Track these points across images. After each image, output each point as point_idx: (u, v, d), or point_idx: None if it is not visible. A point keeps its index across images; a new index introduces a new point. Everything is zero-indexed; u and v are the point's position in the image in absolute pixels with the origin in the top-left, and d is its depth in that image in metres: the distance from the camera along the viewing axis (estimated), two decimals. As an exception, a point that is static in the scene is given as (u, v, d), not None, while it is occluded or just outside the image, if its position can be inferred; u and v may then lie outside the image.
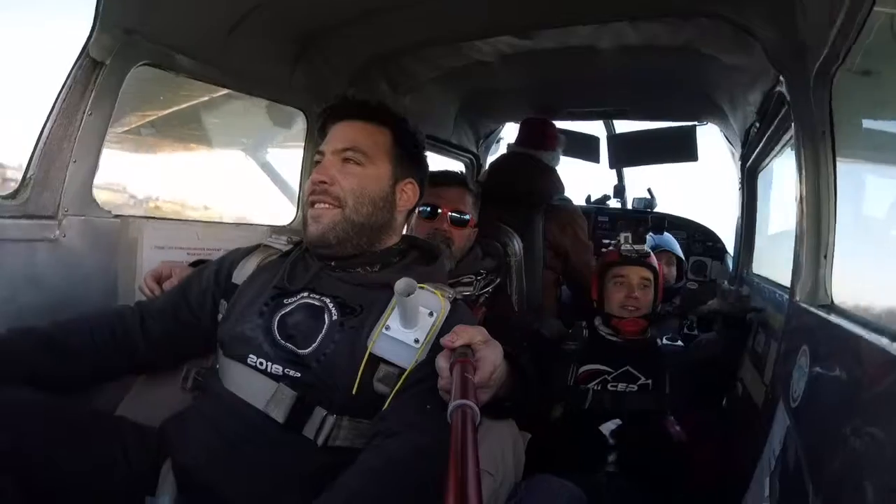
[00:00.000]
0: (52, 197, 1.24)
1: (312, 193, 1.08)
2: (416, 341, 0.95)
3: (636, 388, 1.60)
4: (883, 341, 0.68)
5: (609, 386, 1.61)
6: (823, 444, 0.75)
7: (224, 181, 2.08)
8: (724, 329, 1.66)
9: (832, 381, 0.84)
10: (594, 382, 1.62)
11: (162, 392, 1.20)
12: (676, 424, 1.52)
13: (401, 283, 0.85)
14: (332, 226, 1.06)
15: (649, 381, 1.61)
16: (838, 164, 1.12)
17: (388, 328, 0.96)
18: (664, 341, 1.79)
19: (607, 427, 1.53)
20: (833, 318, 0.99)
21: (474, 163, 2.95)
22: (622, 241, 1.72)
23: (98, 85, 1.23)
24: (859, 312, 0.94)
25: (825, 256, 1.12)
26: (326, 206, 1.06)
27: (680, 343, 1.84)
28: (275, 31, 1.59)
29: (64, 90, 1.21)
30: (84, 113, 1.23)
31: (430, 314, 0.96)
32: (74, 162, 1.25)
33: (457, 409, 0.61)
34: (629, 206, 3.07)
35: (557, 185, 2.29)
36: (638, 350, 1.66)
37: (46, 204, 1.23)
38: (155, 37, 1.30)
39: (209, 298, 1.16)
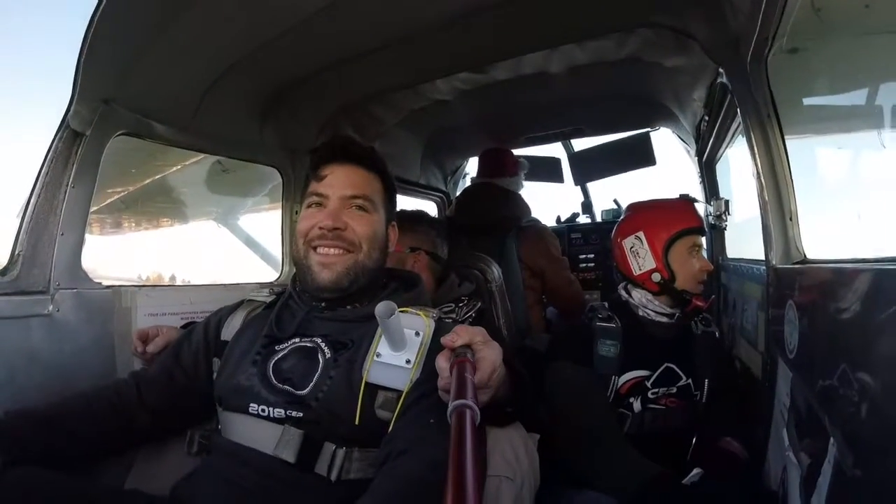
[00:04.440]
0: (43, 272, 1.23)
1: (321, 238, 1.07)
2: (408, 362, 0.96)
3: (675, 390, 1.47)
4: (858, 265, 0.76)
5: (650, 394, 1.46)
6: (827, 378, 0.80)
7: (205, 247, 2.09)
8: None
9: (822, 323, 0.90)
10: (633, 397, 1.45)
11: (168, 460, 1.18)
12: (734, 441, 1.37)
13: (380, 307, 0.86)
14: (345, 271, 1.07)
15: (690, 382, 1.48)
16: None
17: (378, 355, 0.97)
18: None
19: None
20: (809, 266, 1.07)
21: (444, 201, 3.04)
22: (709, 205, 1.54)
23: (79, 157, 1.25)
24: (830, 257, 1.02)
25: (791, 219, 1.21)
26: (339, 251, 1.07)
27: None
28: (244, 91, 1.66)
29: (46, 163, 1.23)
30: (67, 185, 1.25)
31: (417, 334, 0.98)
32: (62, 235, 1.25)
33: (456, 408, 0.62)
34: (598, 220, 3.20)
35: (524, 209, 2.38)
36: (676, 339, 1.51)
37: (37, 279, 1.22)
38: (132, 105, 1.34)
39: (201, 358, 1.16)
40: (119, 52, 1.22)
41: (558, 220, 3.21)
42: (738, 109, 1.31)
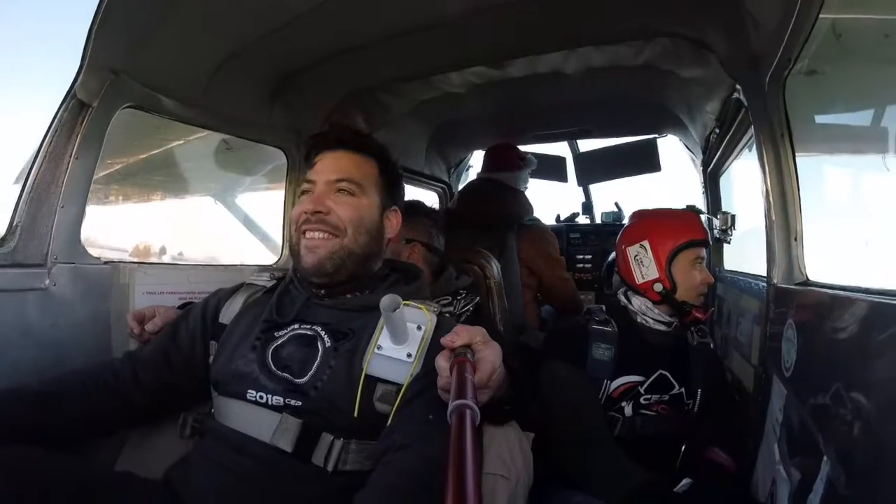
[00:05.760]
0: (41, 244, 1.20)
1: (306, 223, 1.08)
2: (409, 356, 0.96)
3: (668, 398, 1.48)
4: (859, 295, 0.77)
5: (642, 399, 1.46)
6: (823, 399, 0.82)
7: (204, 225, 2.06)
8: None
9: (820, 344, 0.92)
10: (625, 401, 1.45)
11: (160, 442, 1.17)
12: (722, 452, 1.39)
13: (385, 300, 0.86)
14: (329, 255, 1.06)
15: (682, 390, 1.48)
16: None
17: (379, 347, 0.97)
18: None
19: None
20: (811, 289, 1.09)
21: (447, 192, 3.04)
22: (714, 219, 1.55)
23: (84, 128, 1.22)
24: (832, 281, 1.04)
25: (795, 239, 1.23)
26: (324, 235, 1.07)
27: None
28: (255, 72, 1.63)
29: (50, 133, 1.19)
30: (71, 157, 1.21)
31: (419, 328, 0.98)
32: (62, 207, 1.22)
33: (456, 408, 0.61)
34: (598, 221, 3.22)
35: (526, 206, 2.39)
36: (672, 347, 1.51)
37: (35, 252, 1.20)
38: (141, 78, 1.31)
39: (198, 341, 1.15)
40: (132, 23, 1.18)
41: (557, 218, 3.22)
42: (753, 126, 1.31)
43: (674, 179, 2.97)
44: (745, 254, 1.81)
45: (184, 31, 1.31)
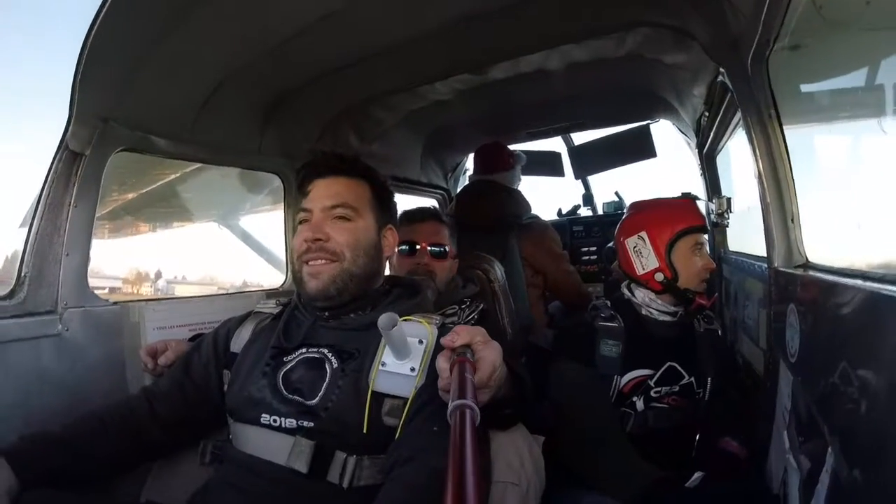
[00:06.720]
0: (50, 292, 1.24)
1: (307, 252, 1.11)
2: (413, 370, 0.98)
3: (678, 389, 1.47)
4: (858, 283, 0.76)
5: (652, 393, 1.46)
6: (827, 387, 0.80)
7: (210, 252, 2.09)
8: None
9: (822, 330, 0.90)
10: (636, 395, 1.45)
11: (182, 471, 1.21)
12: (733, 441, 1.39)
13: (383, 319, 0.87)
14: (331, 279, 1.09)
15: (692, 380, 1.48)
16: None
17: (384, 364, 0.99)
18: None
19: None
20: (811, 274, 1.07)
21: (446, 197, 3.04)
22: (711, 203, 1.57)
23: (80, 176, 1.25)
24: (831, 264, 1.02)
25: (792, 221, 1.21)
26: (323, 261, 1.10)
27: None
28: (243, 101, 1.66)
29: (47, 184, 1.23)
30: (70, 205, 1.25)
31: (420, 342, 1.00)
32: (67, 255, 1.26)
33: (456, 408, 0.61)
34: (600, 212, 3.20)
35: (524, 205, 2.38)
36: (679, 338, 1.51)
37: (44, 300, 1.24)
38: (131, 122, 1.33)
39: (212, 371, 1.18)
40: (115, 70, 1.22)
41: (559, 213, 3.20)
42: (739, 109, 1.29)
43: (673, 163, 2.93)
44: (751, 232, 1.78)
45: (168, 71, 1.33)
